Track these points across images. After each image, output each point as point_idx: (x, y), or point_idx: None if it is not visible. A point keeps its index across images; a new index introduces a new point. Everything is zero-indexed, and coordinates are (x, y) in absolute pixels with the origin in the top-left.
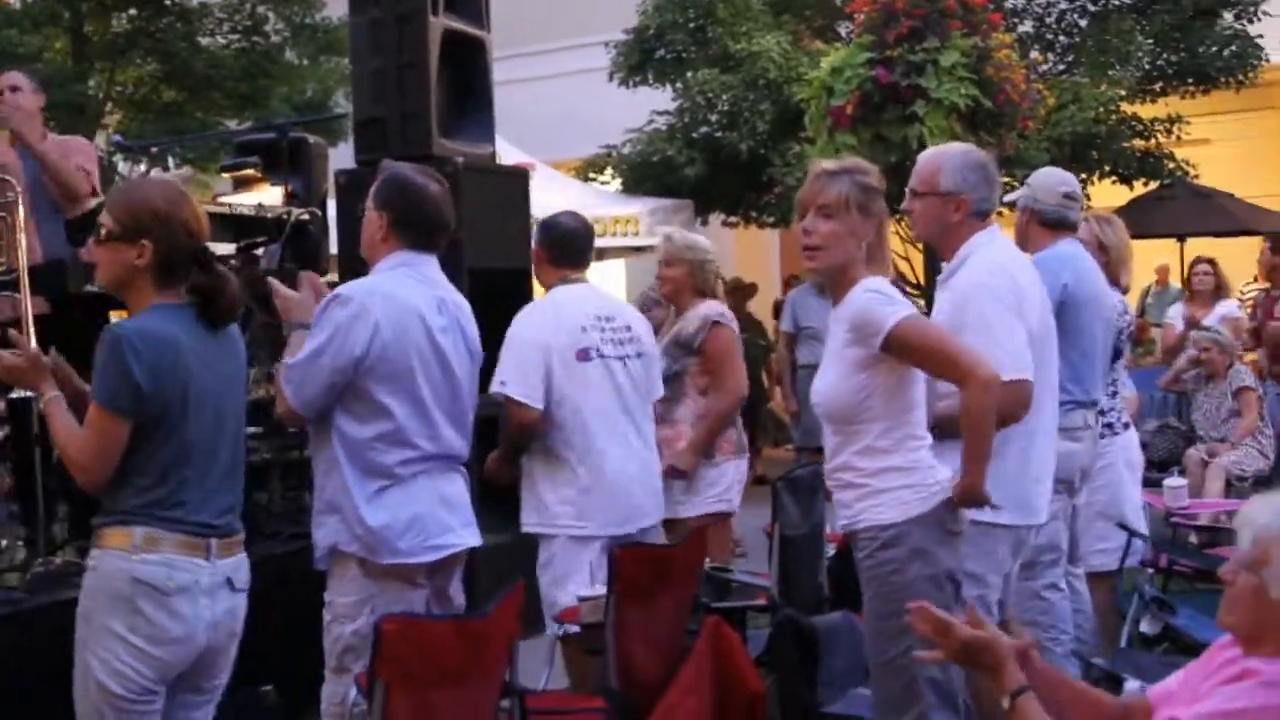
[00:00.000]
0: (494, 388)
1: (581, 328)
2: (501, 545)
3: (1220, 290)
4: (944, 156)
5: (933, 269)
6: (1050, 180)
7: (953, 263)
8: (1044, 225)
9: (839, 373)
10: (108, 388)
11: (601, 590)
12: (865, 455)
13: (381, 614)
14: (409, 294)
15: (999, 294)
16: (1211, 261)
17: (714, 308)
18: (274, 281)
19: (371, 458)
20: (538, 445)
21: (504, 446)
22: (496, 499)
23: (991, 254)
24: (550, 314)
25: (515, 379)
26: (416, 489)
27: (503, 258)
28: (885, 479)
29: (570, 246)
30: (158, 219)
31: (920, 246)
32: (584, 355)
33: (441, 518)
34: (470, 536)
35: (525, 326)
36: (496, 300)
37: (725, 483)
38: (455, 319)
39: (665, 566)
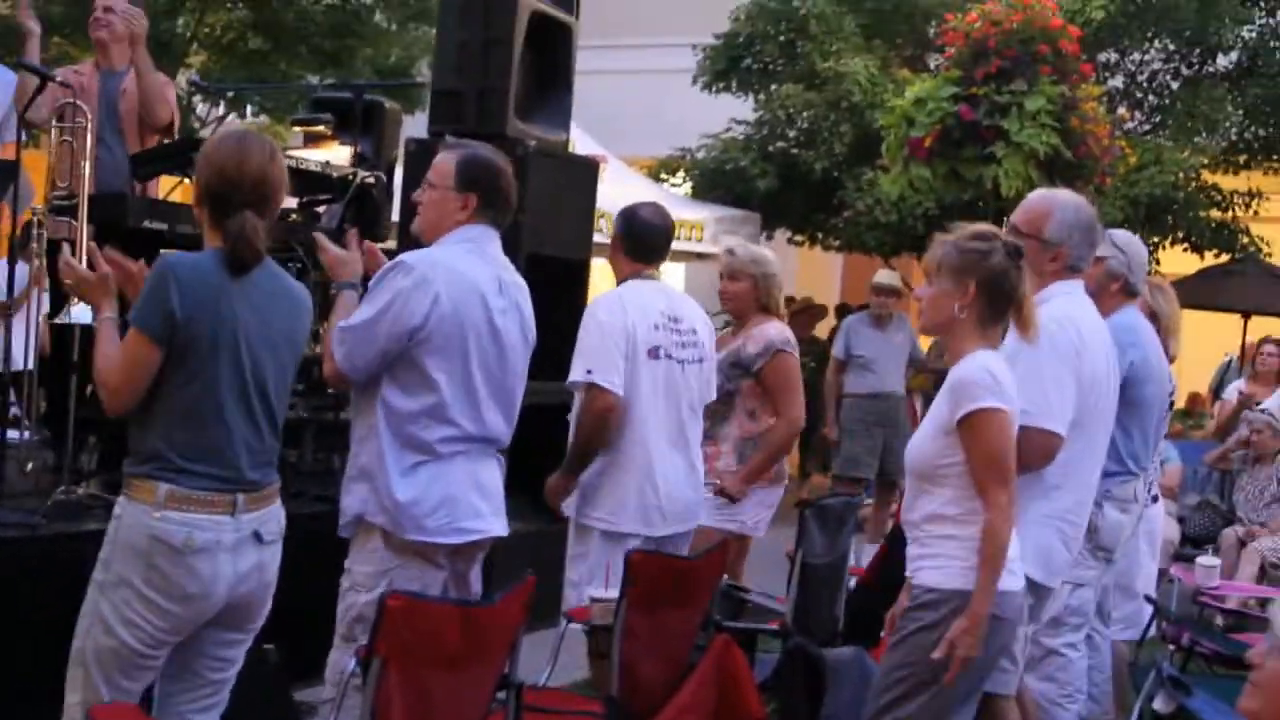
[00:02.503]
0: (575, 376)
1: (654, 325)
2: (521, 534)
3: None
4: (1055, 204)
5: None
6: (1142, 251)
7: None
8: (1127, 294)
9: (930, 429)
10: (144, 310)
11: (614, 593)
12: (932, 520)
13: (396, 589)
14: (472, 270)
15: (1058, 345)
16: (1278, 343)
17: (779, 333)
18: (321, 238)
19: (413, 431)
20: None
21: (579, 443)
22: (521, 487)
23: (1066, 305)
24: (629, 306)
25: (601, 365)
26: (453, 469)
27: (562, 247)
28: (942, 545)
29: (647, 241)
30: (205, 160)
31: None
32: (653, 353)
33: (473, 502)
34: (499, 525)
35: (607, 314)
36: (551, 289)
37: (746, 506)
38: (515, 301)
39: (681, 578)
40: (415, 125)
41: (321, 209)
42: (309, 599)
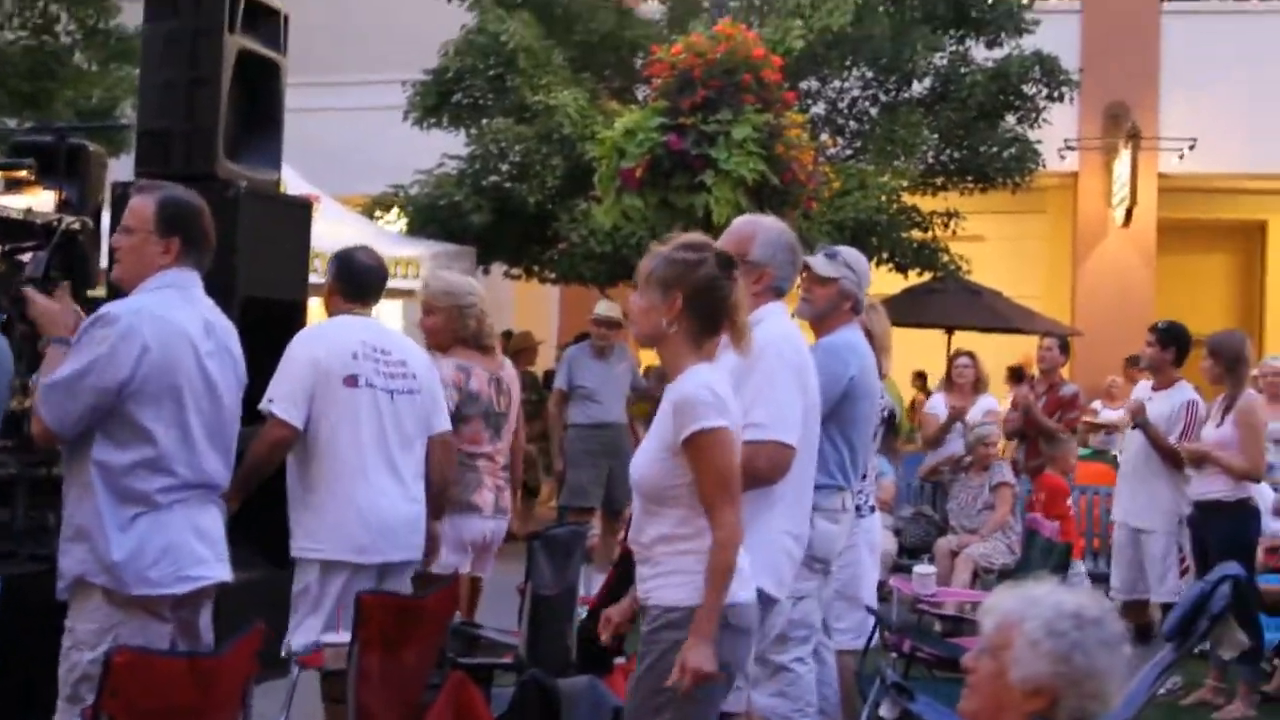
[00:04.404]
0: (262, 404)
1: (353, 354)
2: (249, 582)
3: (980, 384)
4: (760, 227)
5: None
6: (868, 269)
7: None
8: (854, 312)
9: (655, 451)
10: None
11: (345, 637)
12: (663, 540)
13: (122, 644)
14: (178, 315)
15: (787, 360)
16: (971, 355)
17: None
18: (30, 292)
19: (129, 484)
20: (300, 469)
21: (248, 467)
22: (246, 533)
23: (782, 324)
24: (325, 337)
25: (282, 396)
26: (172, 518)
27: (277, 288)
28: (679, 561)
29: (363, 283)
30: None
31: None
32: (352, 381)
33: (195, 549)
34: (222, 570)
35: (299, 346)
36: (268, 330)
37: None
38: (223, 343)
39: (413, 617)
40: (121, 168)
41: (26, 257)
42: (26, 663)
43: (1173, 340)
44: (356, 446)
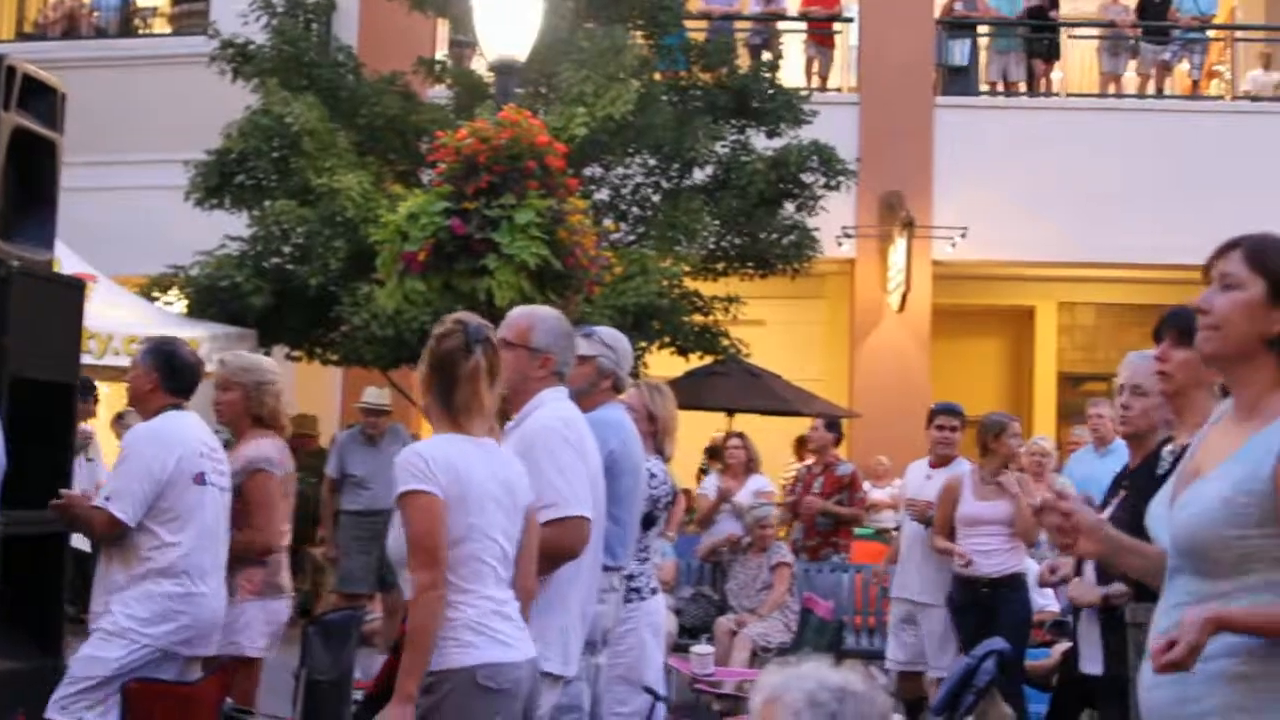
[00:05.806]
0: (99, 500)
1: (199, 453)
2: (12, 671)
3: (751, 464)
4: (538, 317)
5: None
6: (628, 347)
7: (524, 410)
8: (615, 389)
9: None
10: None
11: None
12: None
13: None
14: None
15: (569, 439)
16: (742, 436)
17: (261, 450)
18: None
19: None
20: (135, 556)
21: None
22: (13, 621)
23: (562, 407)
24: (171, 436)
25: (122, 497)
26: None
27: (48, 369)
28: (444, 629)
29: (186, 376)
30: None
31: None
32: (200, 479)
33: None
34: None
35: (149, 447)
36: (36, 413)
37: (241, 624)
38: None
39: (182, 705)
40: None
41: None
42: None
43: (964, 421)
44: (198, 541)
